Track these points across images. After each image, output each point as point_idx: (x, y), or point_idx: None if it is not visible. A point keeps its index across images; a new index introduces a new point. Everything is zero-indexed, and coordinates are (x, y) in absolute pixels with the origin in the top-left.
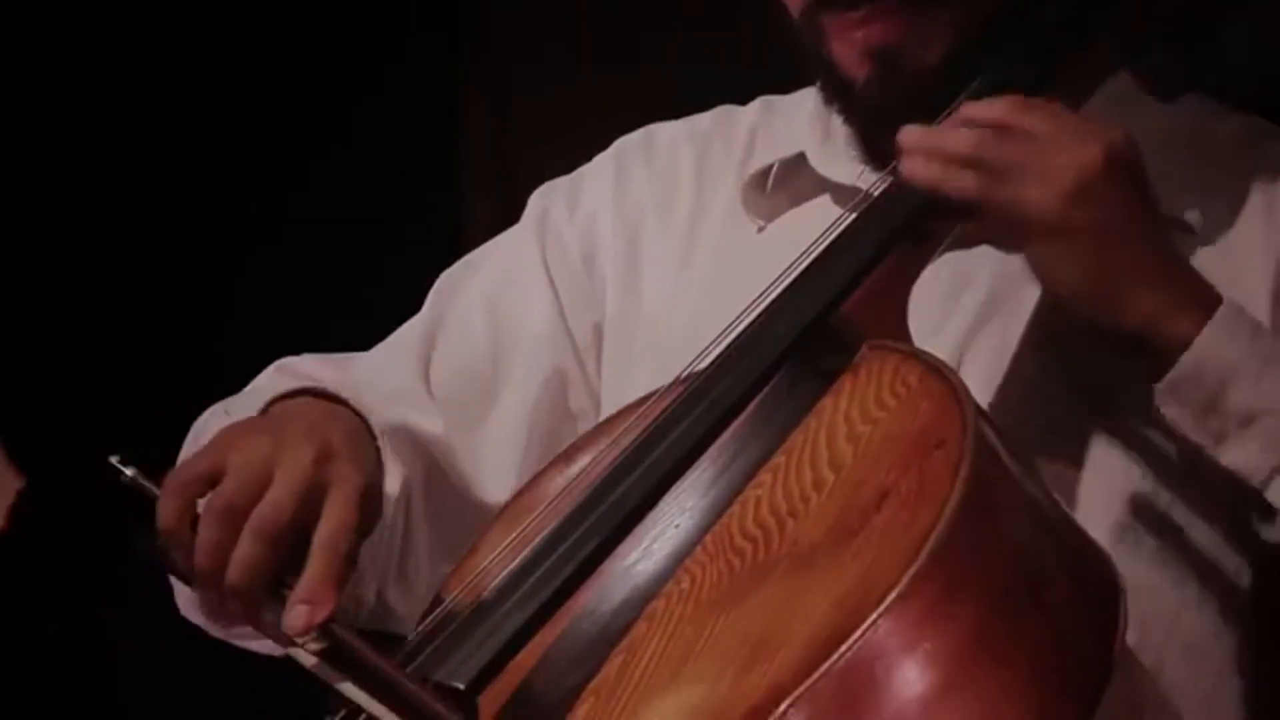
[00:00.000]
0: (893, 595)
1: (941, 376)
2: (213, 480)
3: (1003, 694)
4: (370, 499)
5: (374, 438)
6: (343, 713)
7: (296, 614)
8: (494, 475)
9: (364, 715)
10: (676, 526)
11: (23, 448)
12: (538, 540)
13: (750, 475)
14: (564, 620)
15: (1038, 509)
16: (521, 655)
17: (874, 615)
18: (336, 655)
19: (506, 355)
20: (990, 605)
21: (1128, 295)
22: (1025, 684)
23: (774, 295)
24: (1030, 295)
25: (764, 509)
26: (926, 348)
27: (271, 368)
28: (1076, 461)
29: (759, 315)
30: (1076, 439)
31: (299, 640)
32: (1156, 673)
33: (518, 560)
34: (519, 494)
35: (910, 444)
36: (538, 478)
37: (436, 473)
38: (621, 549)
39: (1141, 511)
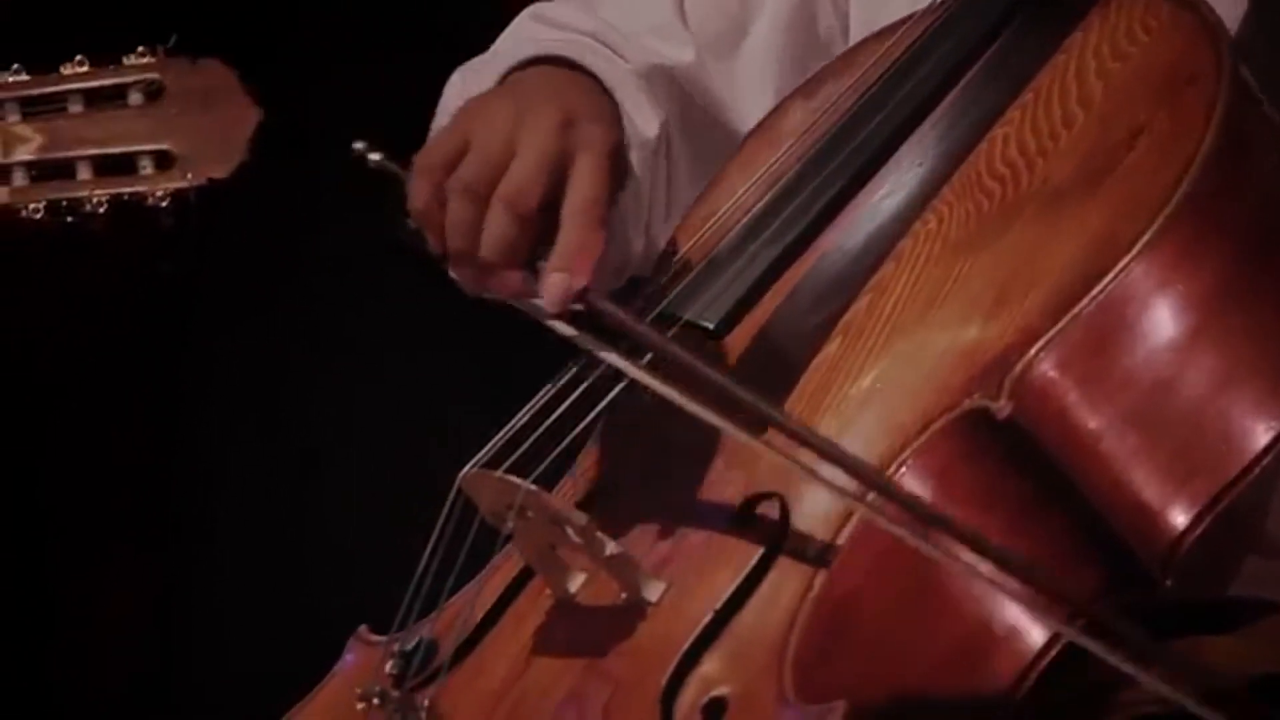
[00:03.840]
0: (1145, 238)
1: (1194, 10)
2: (459, 158)
3: (1254, 337)
4: (619, 158)
5: (609, 94)
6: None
7: (553, 284)
8: (749, 103)
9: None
10: (922, 165)
11: (260, 80)
12: (784, 178)
13: (998, 113)
14: (811, 259)
15: None
16: (769, 294)
17: (1126, 259)
18: (597, 323)
19: None
20: (1243, 248)
21: None
22: (1276, 328)
23: None
24: None
25: (1012, 147)
26: None
27: (525, 14)
28: None
29: None
30: None
31: (557, 311)
32: None
33: (764, 198)
34: (759, 127)
35: (1162, 80)
36: (779, 111)
37: (691, 108)
38: (868, 187)
39: None
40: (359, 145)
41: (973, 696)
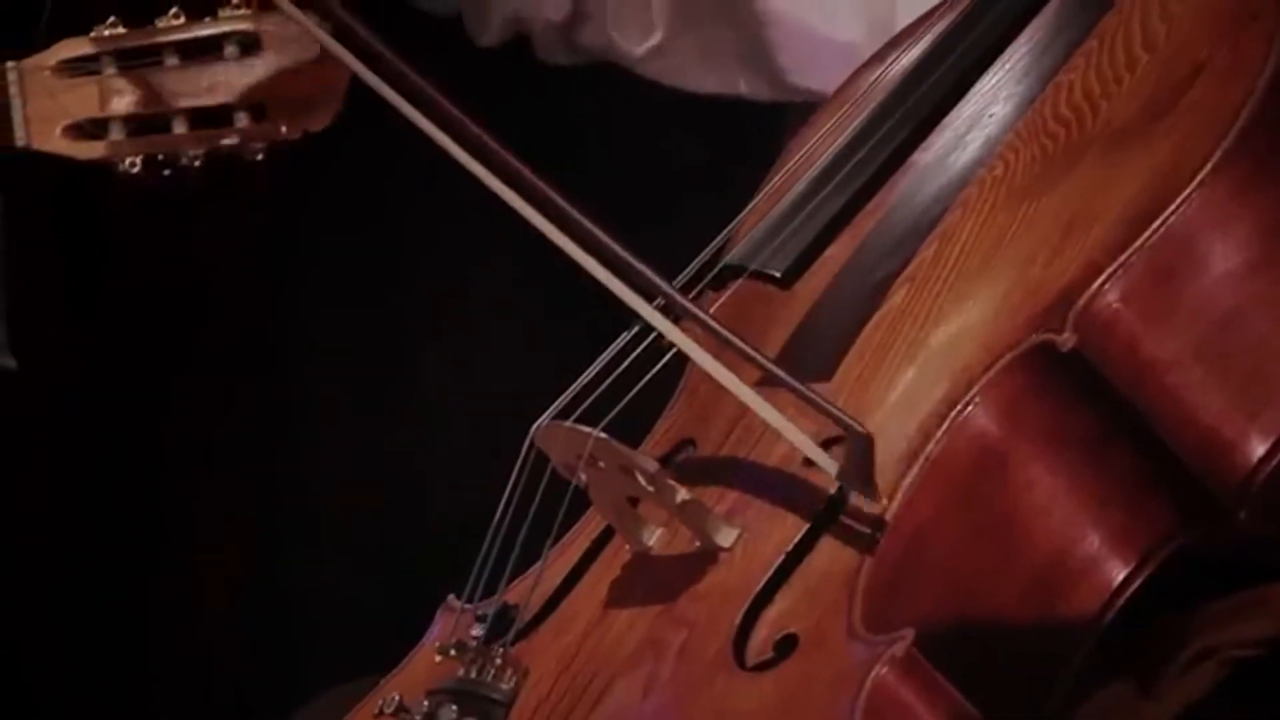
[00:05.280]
0: (1206, 169)
1: None
2: None
3: None
4: None
5: None
6: None
7: None
8: None
9: None
10: (990, 115)
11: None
12: (851, 129)
13: (1064, 60)
14: (879, 211)
15: None
16: (838, 245)
17: (1188, 190)
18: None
19: None
20: None
21: None
22: None
23: None
24: None
25: (1077, 92)
26: None
27: None
28: None
29: None
30: None
31: None
32: None
33: (831, 150)
34: (835, 93)
35: (1225, 18)
36: (856, 74)
37: None
38: (935, 138)
39: None
40: None
41: (1053, 622)
